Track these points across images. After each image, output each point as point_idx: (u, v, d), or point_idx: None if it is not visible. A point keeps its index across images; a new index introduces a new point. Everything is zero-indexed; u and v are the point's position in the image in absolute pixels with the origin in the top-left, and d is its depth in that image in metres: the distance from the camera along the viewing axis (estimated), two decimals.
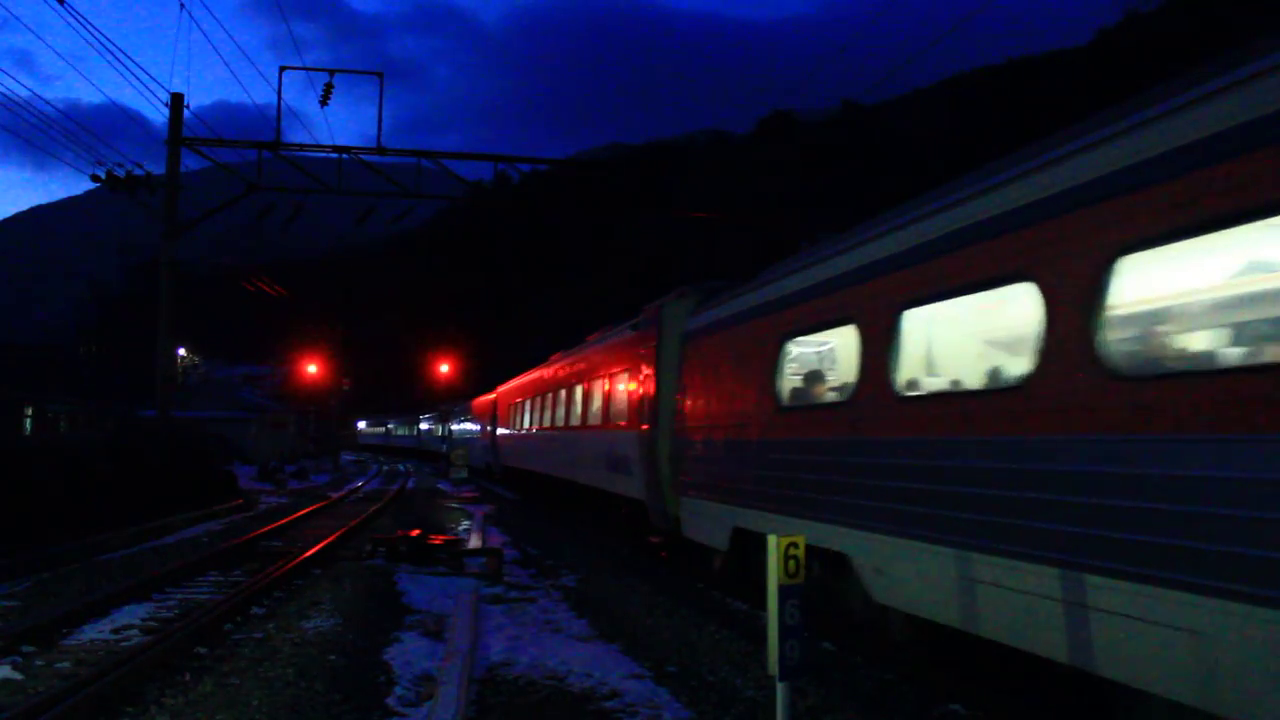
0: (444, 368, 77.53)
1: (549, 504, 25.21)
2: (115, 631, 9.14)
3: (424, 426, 72.34)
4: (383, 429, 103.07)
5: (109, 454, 19.39)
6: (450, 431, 55.70)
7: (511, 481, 33.07)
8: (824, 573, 8.31)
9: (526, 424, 27.22)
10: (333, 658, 8.14)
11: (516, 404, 29.78)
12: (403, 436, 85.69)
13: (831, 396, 8.80)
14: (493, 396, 37.42)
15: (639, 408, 14.46)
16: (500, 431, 34.21)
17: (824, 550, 7.96)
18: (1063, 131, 5.82)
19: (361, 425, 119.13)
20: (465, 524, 20.98)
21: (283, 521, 20.22)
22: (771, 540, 4.95)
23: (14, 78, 19.66)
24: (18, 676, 7.32)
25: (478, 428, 43.08)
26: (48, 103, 20.27)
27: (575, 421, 20.00)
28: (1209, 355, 4.94)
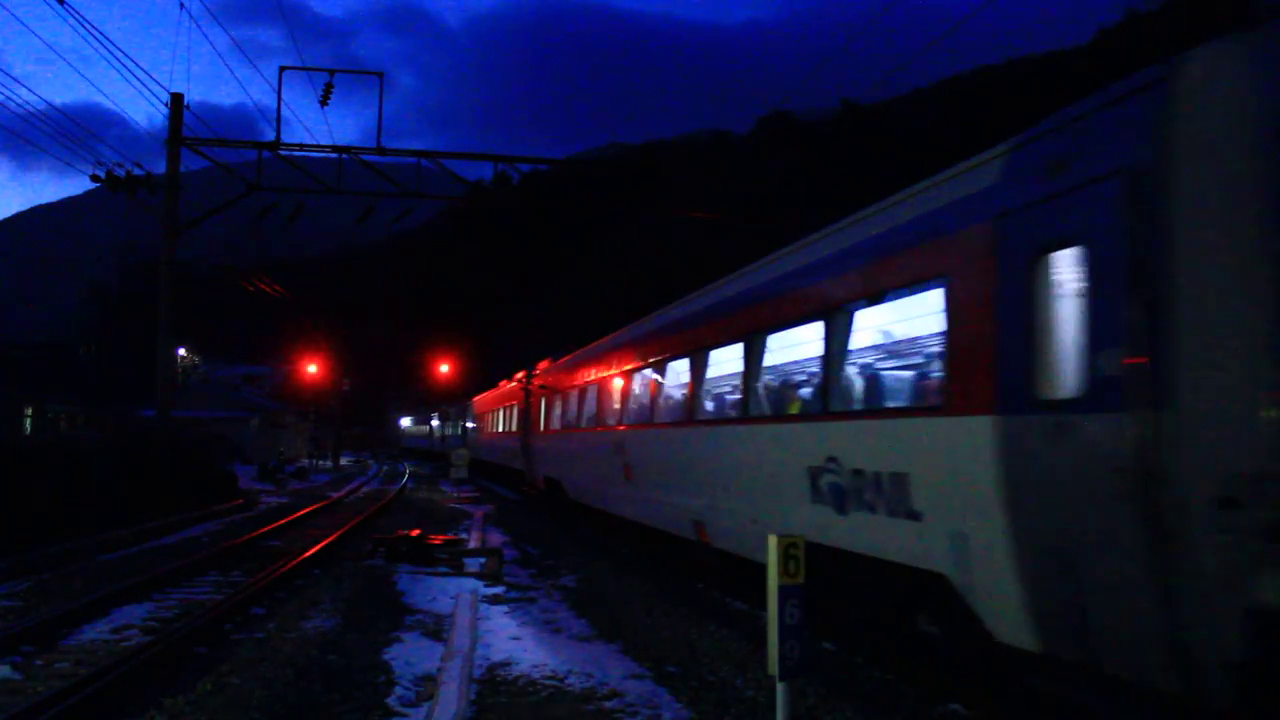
0: (444, 368, 77.44)
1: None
2: (115, 631, 9.14)
3: (470, 425, 46.90)
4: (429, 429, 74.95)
5: (109, 454, 19.39)
6: (525, 429, 26.50)
7: None
8: None
9: None
10: (333, 658, 8.13)
11: None
12: (452, 437, 57.00)
13: None
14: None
15: None
16: None
17: None
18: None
19: (405, 423, 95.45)
20: (465, 524, 20.99)
21: (283, 521, 20.23)
22: (771, 540, 4.94)
23: (9, 74, 19.34)
24: (17, 676, 7.32)
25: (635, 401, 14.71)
26: (50, 104, 20.26)
27: None
28: None
